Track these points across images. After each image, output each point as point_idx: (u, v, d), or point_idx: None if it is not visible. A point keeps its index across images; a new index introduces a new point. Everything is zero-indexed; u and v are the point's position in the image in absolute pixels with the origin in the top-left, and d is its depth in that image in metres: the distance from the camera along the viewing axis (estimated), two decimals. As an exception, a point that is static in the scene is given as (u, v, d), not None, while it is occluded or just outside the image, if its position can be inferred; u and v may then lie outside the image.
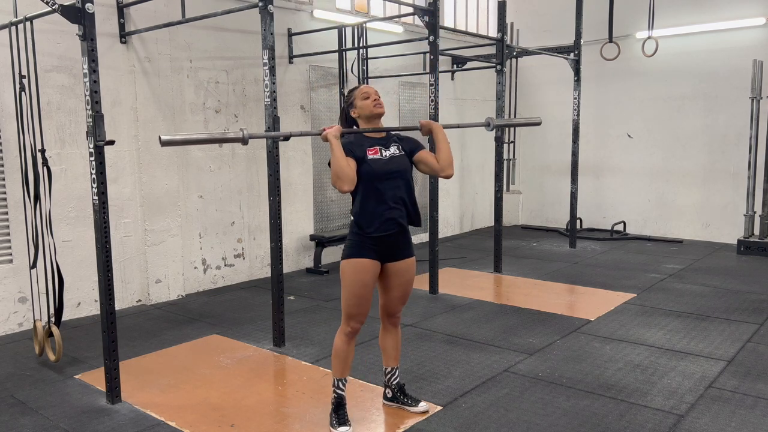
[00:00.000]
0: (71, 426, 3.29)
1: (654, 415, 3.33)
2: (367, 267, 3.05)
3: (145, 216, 5.62)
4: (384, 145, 3.09)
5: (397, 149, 3.12)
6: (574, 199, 8.16)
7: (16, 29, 3.98)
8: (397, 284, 3.19)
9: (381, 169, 3.02)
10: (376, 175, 3.00)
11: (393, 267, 3.15)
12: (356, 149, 3.02)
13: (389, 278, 3.18)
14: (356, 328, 3.13)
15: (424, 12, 5.52)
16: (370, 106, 3.09)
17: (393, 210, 3.05)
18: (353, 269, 3.05)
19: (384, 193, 3.02)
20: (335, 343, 3.19)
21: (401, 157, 3.12)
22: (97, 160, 3.38)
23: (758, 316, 5.11)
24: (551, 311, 5.30)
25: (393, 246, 3.11)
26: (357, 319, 3.10)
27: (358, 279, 3.04)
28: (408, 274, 3.20)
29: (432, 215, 5.92)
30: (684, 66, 8.57)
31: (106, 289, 3.47)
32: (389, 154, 3.08)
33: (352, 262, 3.06)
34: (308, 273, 7.00)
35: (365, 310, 3.10)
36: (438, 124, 3.23)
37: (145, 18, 5.41)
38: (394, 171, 3.05)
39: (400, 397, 3.42)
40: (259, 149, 6.50)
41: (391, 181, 3.04)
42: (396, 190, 3.06)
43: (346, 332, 3.14)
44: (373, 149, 3.05)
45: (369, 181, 3.00)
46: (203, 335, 4.78)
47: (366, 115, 3.10)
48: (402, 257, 3.16)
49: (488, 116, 3.51)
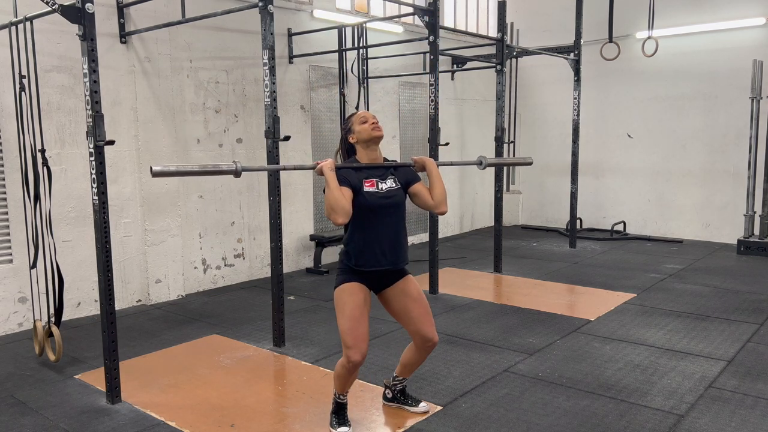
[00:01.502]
0: (71, 426, 3.29)
1: (654, 415, 3.33)
2: (358, 289, 2.99)
3: (145, 216, 5.62)
4: (380, 177, 3.03)
5: (393, 182, 3.06)
6: (574, 199, 8.16)
7: (16, 29, 3.98)
8: (409, 302, 3.09)
9: (376, 202, 2.96)
10: (371, 208, 2.95)
11: (392, 290, 3.10)
12: (353, 180, 2.96)
13: (396, 302, 3.10)
14: (356, 362, 2.95)
15: (424, 12, 5.52)
16: (368, 130, 3.02)
17: (385, 246, 2.99)
18: (344, 292, 2.99)
19: (377, 228, 2.98)
20: (336, 368, 3.09)
21: (397, 190, 3.05)
22: (97, 160, 3.38)
23: (758, 316, 5.11)
24: (551, 311, 5.30)
25: (384, 276, 3.07)
26: (355, 350, 2.92)
27: (350, 300, 2.97)
28: (411, 287, 3.12)
29: (432, 215, 5.91)
30: (684, 66, 8.57)
31: (106, 289, 3.47)
32: (386, 187, 3.02)
33: (342, 287, 3.01)
34: (308, 273, 7.00)
35: (362, 339, 2.95)
36: (431, 161, 3.17)
37: (145, 18, 5.41)
38: (390, 206, 3.00)
39: (400, 398, 3.42)
40: (259, 149, 6.50)
41: (386, 217, 3.00)
42: (390, 226, 3.01)
43: (347, 367, 3.00)
44: (370, 181, 2.99)
45: (363, 214, 2.96)
46: (203, 335, 4.78)
47: (364, 139, 3.03)
48: (396, 279, 3.11)
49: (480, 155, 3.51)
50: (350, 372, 3.02)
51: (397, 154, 8.19)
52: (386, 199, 3.00)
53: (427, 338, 3.12)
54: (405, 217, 3.13)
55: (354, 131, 3.07)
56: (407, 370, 3.33)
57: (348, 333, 2.94)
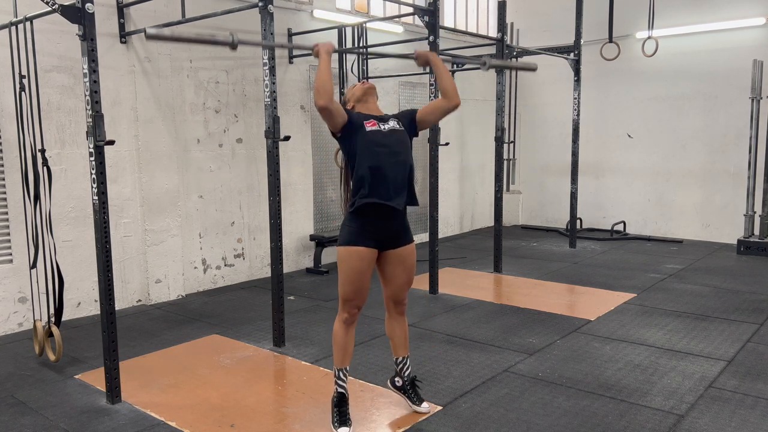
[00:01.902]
0: (71, 426, 3.29)
1: (654, 415, 3.33)
2: (364, 255, 3.02)
3: (145, 216, 5.62)
4: (381, 120, 3.09)
5: (397, 124, 3.11)
6: (574, 199, 8.16)
7: (16, 29, 3.98)
8: (400, 271, 3.17)
9: (380, 140, 3.00)
10: (375, 144, 2.98)
11: (393, 254, 3.13)
12: (353, 116, 3.02)
13: (391, 266, 3.16)
14: (354, 313, 3.10)
15: (424, 12, 5.52)
16: (360, 87, 3.17)
17: (390, 184, 3.00)
18: (349, 257, 3.02)
19: (382, 165, 2.98)
20: (334, 330, 3.17)
21: (401, 132, 3.09)
22: (97, 160, 3.38)
23: (758, 316, 5.11)
24: (551, 311, 5.30)
25: (391, 231, 3.09)
26: (354, 304, 3.08)
27: (354, 267, 3.02)
28: (410, 258, 3.19)
29: (432, 215, 5.92)
30: (684, 66, 8.57)
31: (106, 289, 3.47)
32: (388, 127, 3.06)
33: (348, 250, 3.03)
34: (308, 273, 7.00)
35: (363, 296, 3.08)
36: (435, 54, 3.19)
37: (145, 18, 5.41)
38: (394, 145, 3.03)
39: (408, 390, 3.40)
40: (259, 149, 6.51)
41: (390, 157, 3.01)
42: (395, 167, 3.02)
43: (344, 318, 3.11)
44: (371, 122, 3.04)
45: (367, 152, 2.97)
46: (203, 335, 4.78)
47: (359, 96, 3.14)
48: (402, 243, 3.14)
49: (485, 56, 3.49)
50: (348, 326, 3.11)
51: (397, 154, 8.18)
52: (389, 137, 3.04)
53: (398, 300, 3.25)
54: (412, 163, 3.13)
55: (348, 98, 3.20)
56: (399, 346, 3.38)
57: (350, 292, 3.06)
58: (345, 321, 3.13)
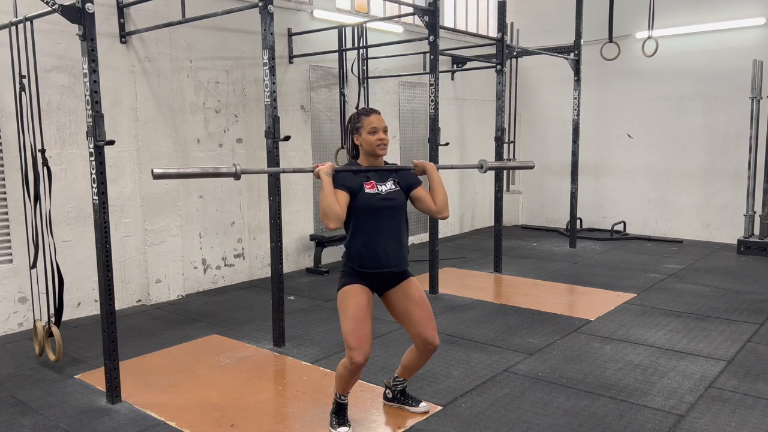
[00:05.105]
0: (71, 426, 3.29)
1: (654, 415, 3.33)
2: (361, 291, 2.99)
3: (145, 216, 5.62)
4: (381, 180, 3.03)
5: (394, 185, 3.05)
6: (574, 199, 8.16)
7: (16, 29, 3.98)
8: (411, 305, 3.08)
9: (377, 204, 2.96)
10: (371, 210, 2.95)
11: (394, 292, 3.09)
12: (351, 183, 2.95)
13: (399, 304, 3.09)
14: (358, 364, 2.93)
15: (424, 12, 5.52)
16: (374, 146, 2.98)
17: (387, 248, 2.99)
18: (347, 294, 2.99)
19: (378, 230, 2.97)
20: (338, 369, 3.08)
21: (398, 193, 3.04)
22: (97, 160, 3.38)
23: (758, 316, 5.11)
24: (551, 311, 5.30)
25: (386, 278, 3.07)
26: (358, 352, 2.91)
27: (352, 301, 2.96)
28: (415, 290, 3.11)
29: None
30: (684, 66, 8.57)
31: (106, 289, 3.47)
32: (386, 189, 3.01)
33: (346, 289, 3.01)
34: (308, 273, 7.00)
35: (365, 341, 2.94)
36: (432, 165, 3.15)
37: (145, 18, 5.41)
38: (391, 207, 3.00)
39: (400, 398, 3.42)
40: (259, 149, 6.51)
41: (387, 219, 2.99)
42: (391, 229, 3.01)
43: (349, 369, 2.99)
44: (370, 183, 2.98)
45: (364, 216, 2.96)
46: (203, 335, 4.78)
47: (367, 150, 3.02)
48: (399, 281, 3.10)
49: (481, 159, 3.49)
50: (352, 374, 3.01)
51: (397, 153, 8.19)
52: (387, 200, 2.99)
53: (428, 341, 3.10)
54: (407, 221, 3.12)
55: (361, 135, 3.01)
56: (408, 372, 3.32)
57: (351, 334, 2.93)
58: (350, 371, 3.01)
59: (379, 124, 2.99)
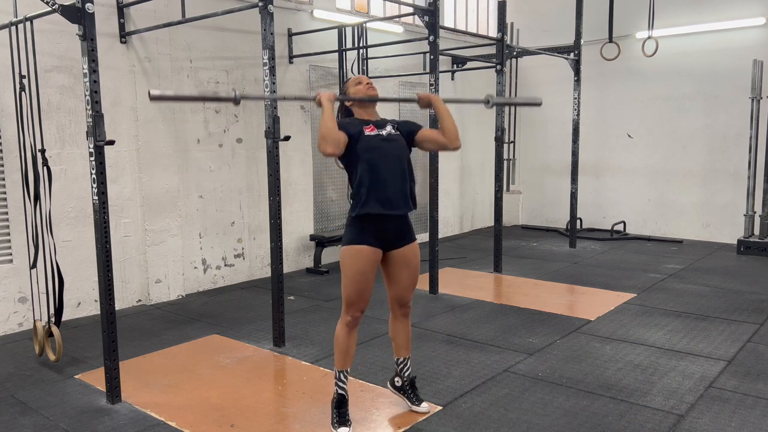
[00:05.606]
0: (71, 426, 3.29)
1: (654, 415, 3.33)
2: (367, 255, 3.03)
3: (145, 216, 5.62)
4: (380, 126, 3.11)
5: (394, 129, 3.13)
6: (574, 199, 8.16)
7: (16, 29, 3.98)
8: (405, 273, 3.18)
9: (379, 144, 3.02)
10: (373, 150, 3.00)
11: (397, 254, 3.14)
12: (352, 129, 3.03)
13: (396, 267, 3.16)
14: (356, 316, 3.10)
15: (424, 12, 5.52)
16: (363, 90, 3.16)
17: (390, 192, 3.02)
18: (352, 257, 3.03)
19: (382, 170, 3.00)
20: (336, 333, 3.17)
21: (398, 137, 3.12)
22: (97, 160, 3.38)
23: (758, 316, 5.11)
24: (551, 311, 5.30)
25: (394, 232, 3.10)
26: (357, 307, 3.08)
27: (356, 268, 3.02)
28: (415, 260, 3.20)
29: (432, 215, 5.92)
30: (684, 66, 8.57)
31: (106, 289, 3.47)
32: (386, 132, 3.09)
33: (351, 249, 3.04)
34: (308, 273, 7.00)
35: (365, 299, 3.08)
36: (437, 96, 3.21)
37: (145, 18, 5.41)
38: (392, 149, 3.05)
39: (407, 390, 3.41)
40: (259, 149, 6.50)
41: (389, 161, 3.03)
42: (394, 172, 3.04)
43: (346, 322, 3.12)
44: (369, 127, 3.07)
45: (366, 157, 2.99)
46: (203, 335, 4.78)
47: (360, 98, 3.13)
48: (404, 243, 3.15)
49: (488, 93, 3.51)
50: (350, 329, 3.11)
51: (397, 154, 8.18)
52: (388, 141, 3.06)
53: (403, 302, 3.26)
54: (411, 168, 3.14)
55: (350, 94, 3.18)
56: (401, 347, 3.37)
57: (352, 294, 3.05)
58: (347, 324, 3.12)
59: (361, 77, 3.21)
